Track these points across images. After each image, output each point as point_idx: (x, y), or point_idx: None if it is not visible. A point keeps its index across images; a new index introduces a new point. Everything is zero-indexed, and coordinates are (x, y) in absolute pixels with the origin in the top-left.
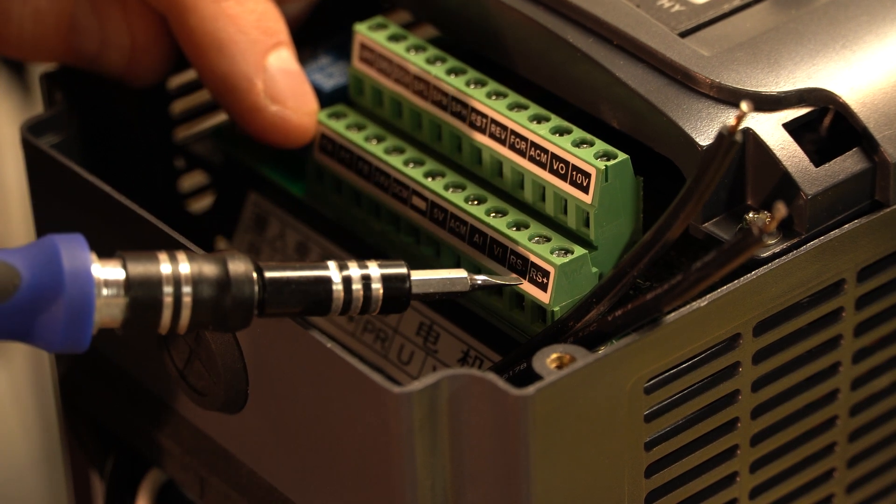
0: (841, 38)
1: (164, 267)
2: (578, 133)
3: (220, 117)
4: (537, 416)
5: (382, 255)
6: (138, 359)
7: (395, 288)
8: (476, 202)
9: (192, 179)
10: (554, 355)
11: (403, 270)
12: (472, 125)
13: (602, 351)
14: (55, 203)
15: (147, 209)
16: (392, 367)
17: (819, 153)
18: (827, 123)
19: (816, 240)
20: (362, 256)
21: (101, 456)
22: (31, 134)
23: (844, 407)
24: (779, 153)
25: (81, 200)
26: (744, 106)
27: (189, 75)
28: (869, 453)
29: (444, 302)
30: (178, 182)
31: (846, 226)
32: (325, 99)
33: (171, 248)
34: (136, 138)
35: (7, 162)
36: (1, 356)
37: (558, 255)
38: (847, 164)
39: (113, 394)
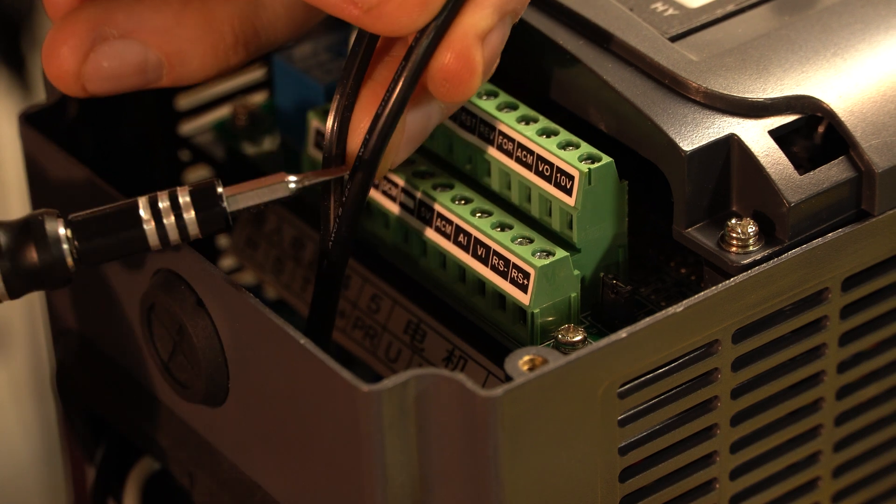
0: (833, 45)
1: None
2: (565, 135)
3: (226, 111)
4: (506, 418)
5: (373, 254)
6: (130, 351)
7: (210, 210)
8: (462, 202)
9: (198, 172)
10: (526, 357)
11: (216, 191)
12: (463, 125)
13: (574, 354)
14: (52, 194)
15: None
16: (380, 365)
17: (811, 161)
18: (821, 131)
19: (799, 248)
20: (356, 253)
21: (95, 445)
22: (28, 123)
23: (829, 416)
24: (763, 160)
25: (77, 190)
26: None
27: None
28: (855, 464)
29: (432, 302)
30: (182, 175)
31: (830, 235)
32: (324, 95)
33: None
34: (139, 129)
35: (7, 159)
36: (1, 355)
37: (539, 257)
38: (832, 172)
39: (107, 385)
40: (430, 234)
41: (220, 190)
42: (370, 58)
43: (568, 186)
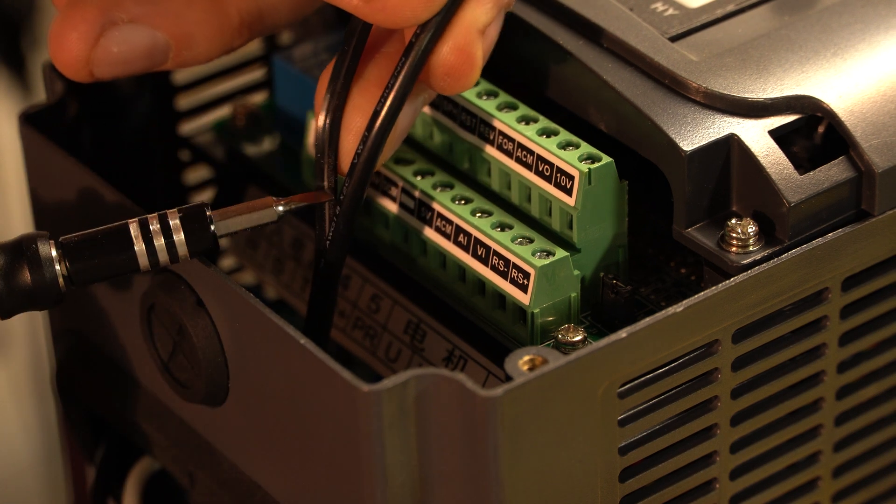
0: (833, 45)
1: None
2: (565, 135)
3: (226, 111)
4: (506, 418)
5: (373, 254)
6: (129, 351)
7: (199, 235)
8: (462, 202)
9: (198, 173)
10: (526, 357)
11: (205, 214)
12: (463, 125)
13: (574, 354)
14: (52, 193)
15: (149, 201)
16: (380, 365)
17: (811, 161)
18: (821, 132)
19: (799, 248)
20: (356, 253)
21: (95, 445)
22: (28, 123)
23: (829, 416)
24: (763, 160)
25: (76, 190)
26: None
27: (195, 70)
28: (855, 464)
29: (432, 302)
30: (182, 175)
31: (830, 235)
32: None
33: None
34: (138, 130)
35: (7, 159)
36: (1, 355)
37: (539, 257)
38: (832, 172)
39: (107, 385)
40: (430, 234)
41: (208, 213)
42: (359, 57)
43: (568, 186)
